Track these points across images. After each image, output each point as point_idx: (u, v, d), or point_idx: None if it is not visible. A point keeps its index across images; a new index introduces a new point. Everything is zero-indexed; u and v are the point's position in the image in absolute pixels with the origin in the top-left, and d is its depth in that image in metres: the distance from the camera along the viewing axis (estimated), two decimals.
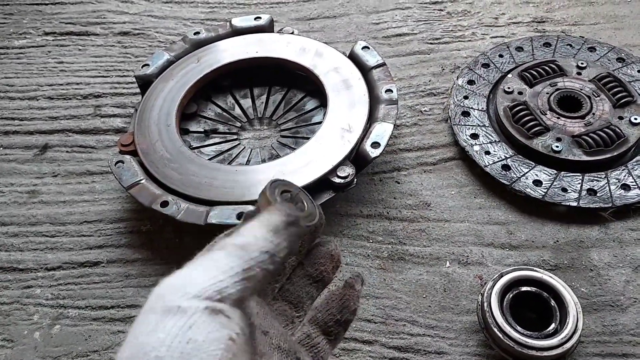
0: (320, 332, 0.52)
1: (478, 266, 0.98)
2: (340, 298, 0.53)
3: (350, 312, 0.53)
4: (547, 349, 0.80)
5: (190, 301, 0.35)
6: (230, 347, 0.34)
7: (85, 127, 1.25)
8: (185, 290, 0.35)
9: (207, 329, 0.34)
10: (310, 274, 0.54)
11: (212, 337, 0.34)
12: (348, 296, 0.53)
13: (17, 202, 1.13)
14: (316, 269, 0.54)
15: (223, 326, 0.35)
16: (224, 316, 0.35)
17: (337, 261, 0.55)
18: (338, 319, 0.52)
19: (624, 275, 0.95)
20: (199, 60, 1.22)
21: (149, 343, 0.33)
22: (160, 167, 1.04)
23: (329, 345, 0.52)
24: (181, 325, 0.33)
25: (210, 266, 0.37)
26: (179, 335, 0.33)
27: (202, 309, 0.34)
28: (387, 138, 1.03)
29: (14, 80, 1.36)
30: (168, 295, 0.35)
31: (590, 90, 1.17)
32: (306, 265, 0.54)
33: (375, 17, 1.46)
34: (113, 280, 1.00)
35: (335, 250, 0.55)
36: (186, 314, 0.34)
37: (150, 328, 0.34)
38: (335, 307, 0.52)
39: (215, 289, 0.36)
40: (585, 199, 1.02)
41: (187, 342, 0.33)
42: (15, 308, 0.98)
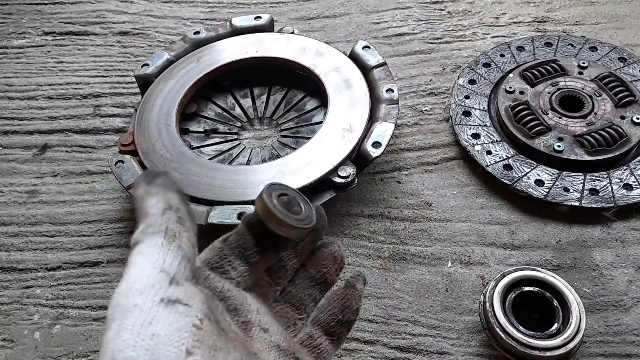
0: (323, 332, 0.51)
1: (480, 266, 0.98)
2: (341, 298, 0.53)
3: (352, 311, 0.52)
4: (549, 349, 0.79)
5: (142, 296, 0.35)
6: (196, 333, 0.34)
7: (85, 127, 1.25)
8: (134, 289, 0.35)
9: (167, 321, 0.34)
10: (313, 275, 0.54)
11: (174, 327, 0.33)
12: (350, 296, 0.53)
13: (16, 202, 1.13)
14: (319, 270, 0.54)
15: (183, 315, 0.34)
16: (182, 304, 0.35)
17: (340, 263, 0.55)
18: (340, 319, 0.52)
19: (627, 275, 0.95)
20: (199, 60, 1.22)
21: (116, 347, 0.33)
22: (160, 167, 1.04)
23: (331, 346, 0.52)
24: (141, 323, 0.33)
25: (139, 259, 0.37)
26: (141, 332, 0.33)
27: (158, 301, 0.34)
28: (388, 138, 1.03)
29: (13, 80, 1.36)
30: (121, 300, 0.35)
31: (591, 90, 1.16)
32: (309, 267, 0.54)
33: (375, 17, 1.46)
34: (113, 280, 1.00)
35: (339, 251, 0.55)
36: (143, 310, 0.34)
37: (114, 333, 0.33)
38: (337, 307, 0.52)
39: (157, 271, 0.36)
40: (587, 198, 1.02)
41: (151, 338, 0.33)
42: (15, 308, 0.97)
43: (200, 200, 0.98)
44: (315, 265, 0.54)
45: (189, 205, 0.43)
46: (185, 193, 0.44)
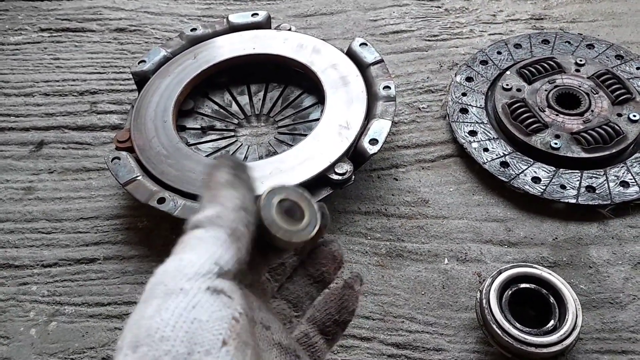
0: (318, 331, 0.52)
1: (476, 263, 0.98)
2: (339, 298, 0.53)
3: (348, 312, 0.52)
4: (546, 346, 0.79)
5: (190, 282, 0.35)
6: (234, 326, 0.34)
7: (82, 124, 1.24)
8: (183, 272, 0.35)
9: (210, 309, 0.34)
10: (311, 274, 0.54)
11: (215, 316, 0.34)
12: (347, 296, 0.53)
13: (13, 198, 1.12)
14: (317, 269, 0.54)
15: (226, 306, 0.35)
16: (226, 296, 0.35)
17: (339, 262, 0.54)
18: (336, 319, 0.52)
19: (623, 273, 0.95)
20: (195, 57, 1.21)
21: (153, 324, 0.33)
22: (156, 164, 1.03)
23: (326, 345, 0.52)
24: (185, 306, 0.33)
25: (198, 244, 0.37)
26: (183, 315, 0.33)
27: (204, 289, 0.34)
28: (385, 135, 1.02)
29: (9, 77, 1.35)
30: (167, 279, 0.35)
31: (588, 87, 1.16)
32: (307, 265, 0.54)
33: (372, 14, 1.46)
34: (110, 277, 1.00)
35: (338, 251, 0.55)
36: (188, 294, 0.34)
37: (153, 311, 0.33)
38: (333, 308, 0.52)
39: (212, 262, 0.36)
40: (584, 196, 1.02)
41: (192, 321, 0.33)
42: (11, 305, 0.97)
43: (197, 197, 0.97)
44: (314, 264, 0.54)
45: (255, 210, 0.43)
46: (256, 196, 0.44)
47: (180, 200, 0.96)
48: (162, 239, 1.04)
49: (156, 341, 0.32)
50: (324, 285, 0.54)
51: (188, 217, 0.96)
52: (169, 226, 1.05)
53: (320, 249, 0.54)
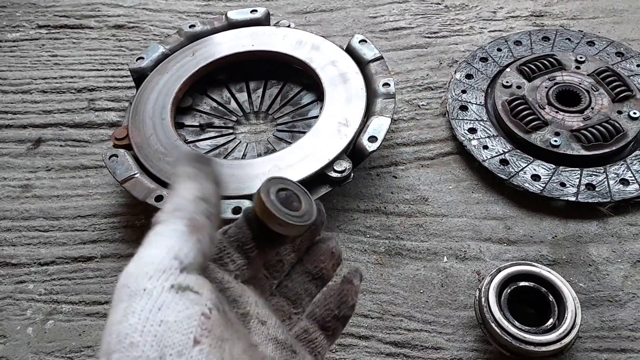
0: (318, 327, 0.51)
1: (476, 261, 0.97)
2: (338, 293, 0.52)
3: (348, 307, 0.52)
4: (545, 344, 0.79)
5: (152, 280, 0.34)
6: (204, 322, 0.33)
7: (79, 121, 1.24)
8: (144, 271, 0.35)
9: (177, 308, 0.33)
10: (310, 270, 0.53)
11: (183, 315, 0.33)
12: (346, 291, 0.52)
13: (10, 196, 1.12)
14: (315, 265, 0.53)
15: (193, 303, 0.34)
16: (192, 292, 0.35)
17: (337, 258, 0.54)
18: (336, 314, 0.51)
19: (623, 271, 0.94)
20: (194, 54, 1.21)
21: (122, 330, 0.32)
22: (154, 161, 1.03)
23: (326, 341, 0.52)
24: (150, 308, 0.33)
25: (156, 240, 0.37)
26: (150, 318, 0.32)
27: (168, 287, 0.34)
28: (384, 132, 1.02)
29: (7, 74, 1.35)
30: (130, 281, 0.35)
31: (589, 85, 1.16)
32: (305, 262, 0.54)
33: (372, 11, 1.45)
34: (107, 275, 0.99)
35: (336, 247, 0.54)
36: (152, 295, 0.33)
37: (120, 316, 0.33)
38: (333, 303, 0.52)
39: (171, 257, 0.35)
40: (583, 193, 1.01)
41: (159, 324, 0.32)
42: (8, 303, 0.97)
43: None
44: (312, 260, 0.54)
45: (221, 202, 0.43)
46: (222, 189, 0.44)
47: None
48: None
49: (127, 347, 0.32)
50: (322, 282, 0.54)
51: None
52: None
53: (318, 246, 0.54)
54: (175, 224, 0.37)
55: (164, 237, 0.37)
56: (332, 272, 0.54)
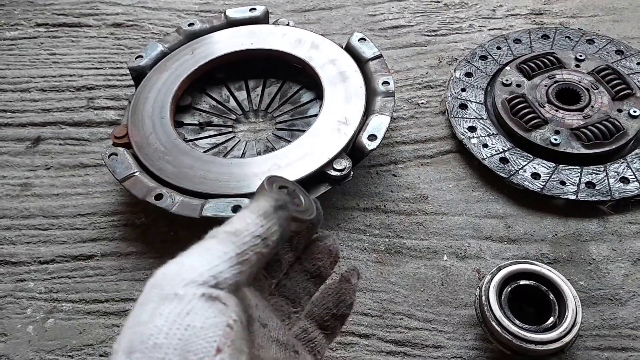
0: (317, 326, 0.52)
1: (476, 260, 0.97)
2: (336, 292, 0.53)
3: (346, 306, 0.52)
4: (545, 343, 0.79)
5: (186, 288, 0.35)
6: (228, 333, 0.34)
7: (79, 120, 1.23)
8: (181, 277, 0.35)
9: (204, 315, 0.34)
10: (308, 269, 0.54)
11: (210, 322, 0.33)
12: (344, 290, 0.53)
13: (9, 194, 1.11)
14: (313, 264, 0.54)
15: (221, 312, 0.34)
16: (221, 303, 0.35)
17: (335, 256, 0.55)
18: (334, 313, 0.52)
19: (623, 269, 0.94)
20: (193, 52, 1.21)
21: (147, 331, 0.33)
22: (154, 160, 1.03)
23: (325, 340, 0.52)
24: (179, 312, 0.33)
25: (204, 253, 0.37)
26: (177, 321, 0.33)
27: (199, 295, 0.34)
28: (384, 130, 1.02)
29: (5, 72, 1.34)
30: (164, 283, 0.35)
31: (588, 83, 1.16)
32: (303, 261, 0.54)
33: (371, 9, 1.45)
34: (107, 273, 0.99)
35: (334, 245, 0.55)
36: (183, 300, 0.34)
37: (148, 316, 0.33)
38: (331, 301, 0.52)
39: (210, 274, 0.36)
40: (583, 192, 1.01)
41: (186, 328, 0.33)
42: (8, 302, 0.96)
43: (195, 193, 0.97)
44: (310, 259, 0.54)
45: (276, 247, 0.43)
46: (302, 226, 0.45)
47: (178, 196, 0.96)
48: (159, 236, 1.03)
49: (149, 348, 0.32)
50: (321, 280, 0.54)
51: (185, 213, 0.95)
52: (166, 223, 1.04)
53: (316, 244, 0.54)
54: (227, 248, 0.38)
55: (211, 253, 0.38)
56: (329, 270, 0.54)
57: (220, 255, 0.37)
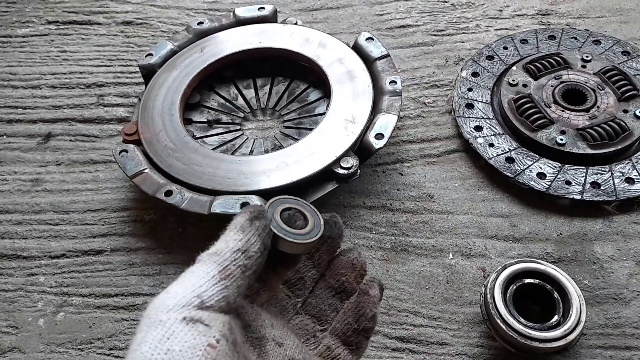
0: (341, 342, 0.51)
1: (481, 258, 0.98)
2: (355, 306, 0.51)
3: (367, 319, 0.51)
4: (549, 341, 0.80)
5: (169, 313, 0.37)
6: (209, 353, 0.36)
7: (89, 116, 1.25)
8: (165, 304, 0.38)
9: (183, 339, 0.36)
10: (332, 285, 0.53)
11: (188, 345, 0.36)
12: (363, 303, 0.51)
13: (20, 190, 1.13)
14: (337, 279, 0.53)
15: (201, 334, 0.36)
16: (202, 324, 0.37)
17: (360, 270, 0.54)
18: (356, 327, 0.51)
19: (627, 269, 0.95)
20: (202, 50, 1.22)
21: (135, 357, 0.35)
22: (164, 157, 1.04)
23: (351, 356, 0.51)
24: (160, 337, 0.36)
25: (189, 277, 0.40)
26: (158, 347, 0.35)
27: (180, 319, 0.37)
28: (390, 129, 1.03)
29: (17, 69, 1.36)
30: (151, 312, 0.38)
31: (595, 84, 1.16)
32: (327, 277, 0.53)
33: (378, 8, 1.46)
34: (117, 268, 1.01)
35: (358, 259, 0.54)
36: (165, 325, 0.36)
37: (137, 344, 0.36)
38: (351, 316, 0.51)
39: (194, 295, 0.38)
40: (589, 192, 1.02)
41: (166, 352, 0.35)
42: (19, 295, 0.98)
43: (204, 190, 0.98)
44: (334, 275, 0.53)
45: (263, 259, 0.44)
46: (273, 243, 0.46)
47: (187, 193, 0.97)
48: (168, 232, 1.05)
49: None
50: (346, 295, 0.53)
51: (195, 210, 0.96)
52: (175, 219, 1.06)
53: (339, 259, 0.54)
54: (208, 267, 0.40)
55: (194, 276, 0.40)
56: (355, 285, 0.53)
57: (203, 276, 0.39)
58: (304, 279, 0.53)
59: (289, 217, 0.48)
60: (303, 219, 0.48)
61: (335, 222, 0.52)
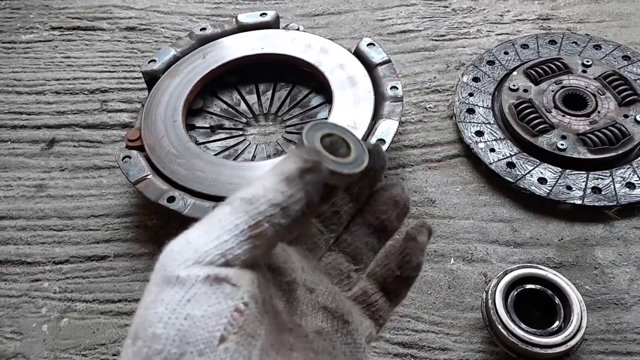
0: (379, 288, 0.46)
1: (482, 263, 0.99)
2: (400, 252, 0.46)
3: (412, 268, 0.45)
4: (551, 347, 0.80)
5: (189, 269, 0.31)
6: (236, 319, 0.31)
7: (92, 122, 1.26)
8: (184, 257, 0.32)
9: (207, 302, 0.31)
10: (371, 222, 0.47)
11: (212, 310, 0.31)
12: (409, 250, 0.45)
13: (24, 195, 1.14)
14: (377, 217, 0.47)
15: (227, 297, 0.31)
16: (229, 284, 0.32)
17: (403, 207, 0.48)
18: (398, 275, 0.45)
19: (629, 274, 0.95)
20: (205, 56, 1.23)
21: (149, 317, 0.31)
22: (166, 163, 1.05)
23: (388, 304, 0.46)
24: (179, 299, 0.31)
25: (213, 226, 0.33)
26: (177, 310, 0.30)
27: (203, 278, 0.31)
28: (392, 135, 1.03)
29: (21, 75, 1.37)
30: (167, 263, 0.32)
31: (595, 88, 1.17)
32: (366, 213, 0.48)
33: (380, 14, 1.46)
34: (120, 274, 1.01)
35: (401, 194, 0.47)
36: (185, 285, 0.31)
37: (151, 300, 0.31)
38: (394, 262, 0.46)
39: (217, 252, 0.32)
40: (590, 197, 1.02)
41: (185, 317, 0.30)
42: (24, 301, 0.99)
43: (206, 196, 0.99)
44: (373, 211, 0.47)
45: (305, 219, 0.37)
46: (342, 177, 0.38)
47: (190, 199, 0.98)
48: (171, 237, 1.04)
49: (150, 337, 0.30)
50: (386, 235, 0.48)
51: (197, 216, 0.97)
52: (178, 224, 1.06)
53: (380, 194, 0.47)
54: (239, 219, 0.34)
55: (221, 226, 0.33)
56: (397, 224, 0.48)
57: (231, 229, 0.33)
58: (339, 213, 0.47)
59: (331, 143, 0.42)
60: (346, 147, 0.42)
61: (378, 152, 0.45)
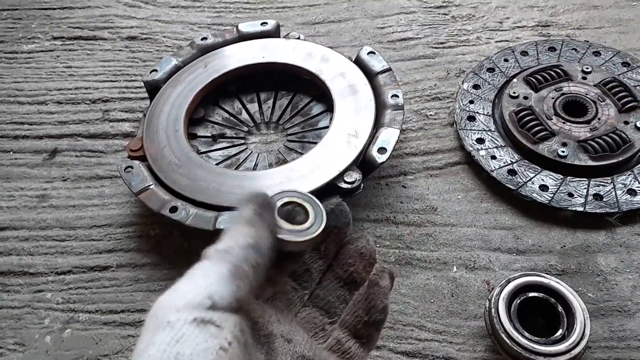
0: (351, 336, 0.49)
1: (485, 271, 0.99)
2: (365, 298, 0.49)
3: (378, 311, 0.49)
4: (554, 355, 0.80)
5: (178, 314, 0.35)
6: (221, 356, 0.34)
7: (94, 132, 1.26)
8: (174, 304, 0.35)
9: (195, 341, 0.34)
10: (340, 275, 0.51)
11: (199, 348, 0.34)
12: (373, 295, 0.49)
13: (27, 206, 1.14)
14: (345, 270, 0.51)
15: (212, 336, 0.34)
16: (214, 326, 0.35)
17: (369, 258, 0.51)
18: (366, 320, 0.49)
19: (631, 281, 0.95)
20: (206, 66, 1.23)
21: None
22: (168, 173, 1.05)
23: (362, 349, 0.49)
24: (169, 340, 0.34)
25: (197, 277, 0.38)
26: (167, 350, 0.33)
27: (190, 321, 0.35)
28: (393, 144, 1.03)
29: (23, 85, 1.37)
30: (158, 312, 0.36)
31: (595, 95, 1.17)
32: (335, 267, 0.51)
33: (380, 22, 1.47)
34: (123, 284, 1.01)
35: (366, 247, 0.51)
36: (174, 327, 0.34)
37: (144, 346, 0.34)
38: (361, 309, 0.49)
39: (204, 296, 0.36)
40: (591, 204, 1.03)
41: (175, 356, 0.33)
42: (26, 312, 0.99)
43: (209, 206, 0.99)
44: (341, 265, 0.51)
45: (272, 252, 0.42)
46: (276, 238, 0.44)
47: (192, 209, 0.98)
48: (174, 247, 1.05)
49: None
50: (356, 285, 0.51)
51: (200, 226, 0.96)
52: (180, 234, 1.06)
53: (347, 248, 0.51)
54: (219, 266, 0.38)
55: (205, 274, 0.38)
56: (364, 274, 0.51)
57: (214, 275, 0.37)
58: (310, 271, 0.50)
59: (287, 212, 0.46)
60: (304, 213, 0.46)
61: (341, 210, 0.49)
